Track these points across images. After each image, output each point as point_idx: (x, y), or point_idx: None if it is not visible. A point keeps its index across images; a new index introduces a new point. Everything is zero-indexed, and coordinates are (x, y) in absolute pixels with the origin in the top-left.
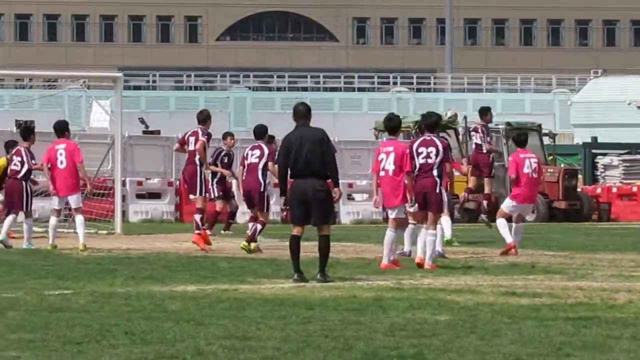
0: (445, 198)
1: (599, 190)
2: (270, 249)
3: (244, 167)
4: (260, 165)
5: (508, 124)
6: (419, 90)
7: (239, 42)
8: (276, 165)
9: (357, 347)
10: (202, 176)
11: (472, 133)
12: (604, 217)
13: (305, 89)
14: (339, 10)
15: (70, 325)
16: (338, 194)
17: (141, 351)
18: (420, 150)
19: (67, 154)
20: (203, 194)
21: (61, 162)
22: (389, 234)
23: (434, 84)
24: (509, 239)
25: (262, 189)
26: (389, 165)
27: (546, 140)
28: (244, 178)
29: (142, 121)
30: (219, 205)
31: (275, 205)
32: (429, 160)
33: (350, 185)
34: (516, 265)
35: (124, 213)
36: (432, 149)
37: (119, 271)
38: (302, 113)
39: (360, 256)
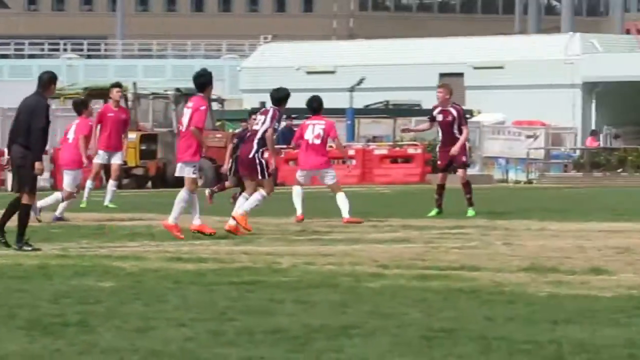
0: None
1: None
2: None
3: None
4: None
5: (177, 89)
6: (89, 57)
7: None
8: None
9: (21, 315)
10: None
11: None
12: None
13: None
14: None
15: None
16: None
17: None
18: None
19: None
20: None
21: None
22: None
23: (105, 50)
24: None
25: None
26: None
27: (215, 106)
28: None
29: None
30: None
31: None
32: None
33: None
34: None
35: None
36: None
37: None
38: None
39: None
